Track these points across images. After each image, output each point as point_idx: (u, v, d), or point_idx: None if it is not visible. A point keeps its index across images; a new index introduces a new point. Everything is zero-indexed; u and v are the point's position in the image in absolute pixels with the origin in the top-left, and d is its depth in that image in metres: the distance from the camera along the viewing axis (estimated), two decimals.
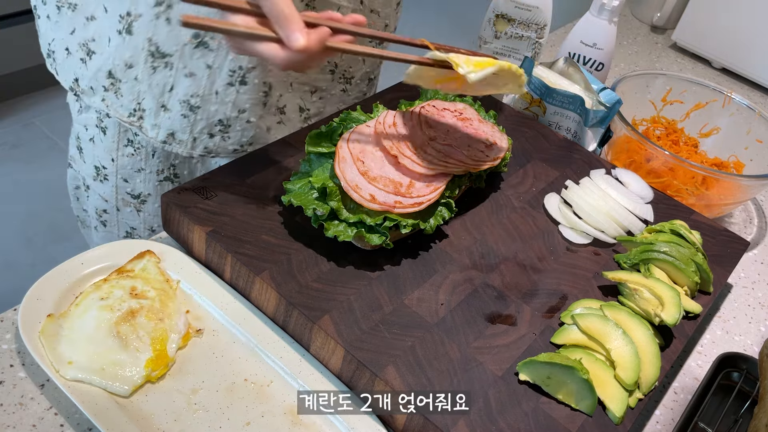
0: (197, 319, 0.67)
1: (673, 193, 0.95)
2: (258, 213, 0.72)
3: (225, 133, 0.86)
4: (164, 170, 0.92)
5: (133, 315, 0.64)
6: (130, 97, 0.84)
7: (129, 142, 0.89)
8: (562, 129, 0.98)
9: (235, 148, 0.89)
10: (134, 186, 0.93)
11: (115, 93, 0.84)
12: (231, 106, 0.84)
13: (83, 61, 0.84)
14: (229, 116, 0.85)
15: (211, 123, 0.85)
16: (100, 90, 0.85)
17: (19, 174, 2.21)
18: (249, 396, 0.62)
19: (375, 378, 0.60)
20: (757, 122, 1.05)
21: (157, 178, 0.92)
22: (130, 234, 1.00)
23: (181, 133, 0.86)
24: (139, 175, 0.92)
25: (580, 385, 0.61)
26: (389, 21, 0.94)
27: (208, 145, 0.87)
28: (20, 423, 0.58)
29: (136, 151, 0.90)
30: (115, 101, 0.85)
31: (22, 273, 1.90)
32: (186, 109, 0.83)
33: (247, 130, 0.87)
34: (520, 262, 0.75)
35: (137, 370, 0.61)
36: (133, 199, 0.95)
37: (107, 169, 0.93)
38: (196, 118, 0.84)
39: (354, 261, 0.69)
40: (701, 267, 0.75)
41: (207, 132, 0.86)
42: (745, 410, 0.72)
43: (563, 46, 1.09)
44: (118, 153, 0.90)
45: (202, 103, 0.83)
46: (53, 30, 0.86)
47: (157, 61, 0.80)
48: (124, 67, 0.82)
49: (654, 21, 1.56)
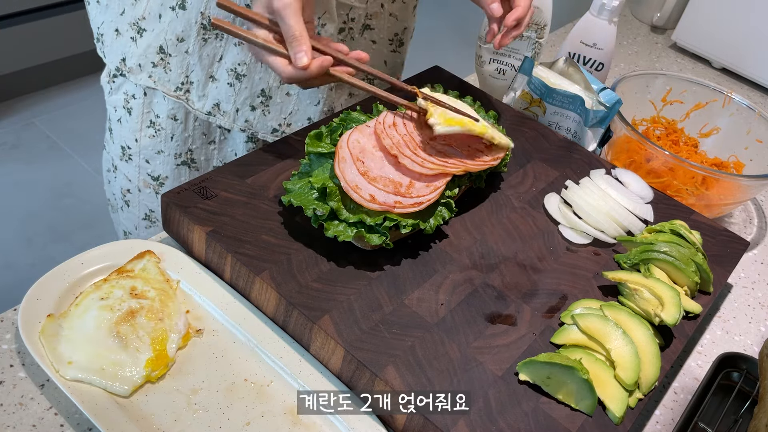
0: (197, 319, 0.67)
1: (673, 193, 0.95)
2: (258, 213, 0.72)
3: (266, 105, 0.91)
4: (182, 154, 0.96)
5: (133, 315, 0.64)
6: (179, 71, 0.89)
7: (151, 124, 0.93)
8: (562, 129, 0.98)
9: (274, 127, 0.93)
10: (154, 167, 0.98)
11: (164, 68, 0.90)
12: (273, 76, 0.89)
13: (133, 39, 0.90)
14: (271, 86, 0.90)
15: (254, 93, 0.90)
16: (148, 66, 0.90)
17: (19, 174, 2.21)
18: (249, 396, 0.62)
19: (375, 378, 0.60)
20: (757, 122, 1.05)
21: (174, 161, 0.96)
22: (149, 216, 1.04)
23: (225, 103, 0.91)
24: (159, 156, 0.96)
25: (580, 385, 0.61)
26: (408, 24, 0.98)
27: (249, 118, 0.92)
28: (20, 423, 0.58)
29: (156, 133, 0.94)
30: (163, 76, 0.90)
31: (22, 273, 1.90)
32: (233, 78, 0.89)
33: (285, 104, 0.91)
34: (520, 262, 0.75)
35: (137, 370, 0.61)
36: (153, 180, 0.99)
37: (131, 149, 0.97)
38: (241, 87, 0.89)
39: (354, 261, 0.69)
40: (701, 267, 0.75)
41: (249, 104, 0.91)
42: (745, 410, 0.72)
43: (563, 46, 1.09)
44: (141, 134, 0.95)
45: (248, 72, 0.88)
46: (102, 13, 0.92)
47: (208, 33, 0.85)
48: (175, 41, 0.87)
49: (654, 21, 1.56)
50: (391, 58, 0.99)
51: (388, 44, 0.97)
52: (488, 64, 1.09)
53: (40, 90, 2.51)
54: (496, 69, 1.09)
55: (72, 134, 2.37)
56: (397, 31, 0.97)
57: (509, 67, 1.08)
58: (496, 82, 1.10)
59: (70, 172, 2.23)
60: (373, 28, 0.93)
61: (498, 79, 1.10)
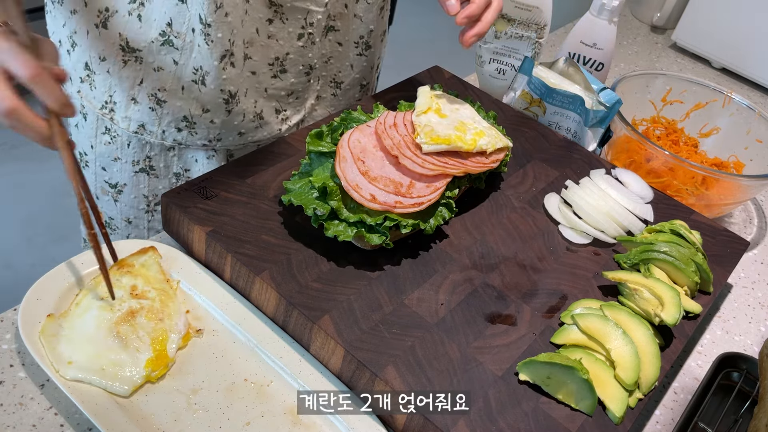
0: (197, 319, 0.67)
1: (673, 193, 0.95)
2: (258, 213, 0.72)
3: (191, 128, 0.88)
4: (140, 161, 0.93)
5: (133, 315, 0.64)
6: (103, 89, 0.87)
7: (106, 130, 0.91)
8: (562, 129, 0.98)
9: (204, 143, 0.90)
10: (111, 175, 0.95)
11: (90, 84, 0.88)
12: (195, 104, 0.86)
13: (68, 53, 0.88)
14: (193, 114, 0.87)
15: (177, 118, 0.87)
16: (77, 81, 0.89)
17: (19, 174, 2.21)
18: (249, 396, 0.62)
19: (375, 378, 0.60)
20: (757, 122, 1.05)
21: (132, 168, 0.93)
22: (108, 224, 1.00)
23: (150, 125, 0.88)
24: (115, 164, 0.94)
25: (580, 385, 0.61)
26: (374, 26, 0.94)
27: (177, 137, 0.89)
28: (20, 423, 0.58)
29: (112, 140, 0.92)
30: (89, 92, 0.88)
31: (22, 273, 1.90)
32: (153, 103, 0.86)
33: (212, 129, 0.89)
34: (520, 262, 0.75)
35: (137, 370, 0.61)
36: (110, 188, 0.96)
37: (87, 156, 0.95)
38: (163, 112, 0.87)
39: (354, 261, 0.69)
40: (701, 267, 0.75)
41: (174, 126, 0.88)
42: (745, 410, 0.72)
43: (563, 46, 1.09)
44: (97, 140, 0.92)
45: (168, 98, 0.85)
46: (52, 24, 0.91)
47: (127, 56, 0.83)
48: (98, 60, 0.85)
49: (654, 21, 1.56)
50: (358, 61, 0.96)
51: (354, 46, 0.94)
52: (488, 64, 1.09)
53: None
54: (496, 69, 1.09)
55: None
56: (363, 33, 0.93)
57: (509, 67, 1.08)
58: (496, 82, 1.10)
59: None
60: (338, 30, 0.90)
61: (498, 79, 1.10)
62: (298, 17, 0.84)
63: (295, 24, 0.85)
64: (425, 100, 0.81)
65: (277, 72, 0.87)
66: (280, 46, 0.85)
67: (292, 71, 0.89)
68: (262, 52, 0.84)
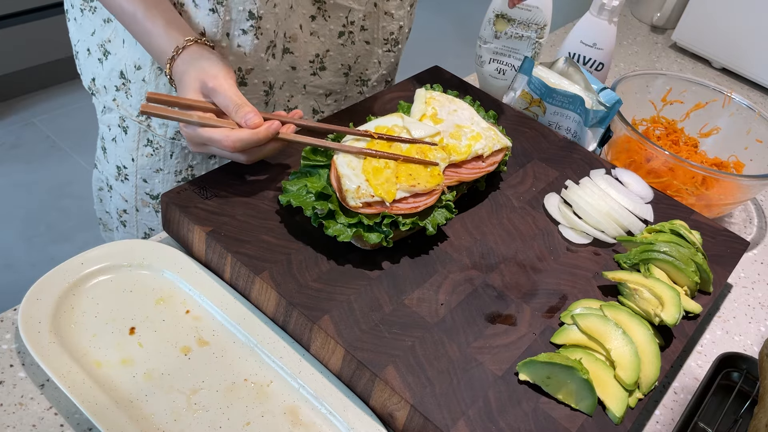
0: (197, 319, 0.67)
1: (673, 193, 0.95)
2: (258, 213, 0.72)
3: None
4: (182, 171, 0.94)
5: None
6: (139, 98, 0.87)
7: (149, 142, 0.91)
8: (562, 129, 0.98)
9: None
10: (153, 186, 0.95)
11: (126, 93, 0.88)
12: None
13: (100, 61, 0.89)
14: None
15: None
16: (112, 90, 0.89)
17: (19, 174, 2.21)
18: (249, 396, 0.62)
19: (375, 378, 0.60)
20: (757, 122, 1.05)
21: (175, 178, 0.94)
22: (149, 235, 1.01)
23: None
24: (157, 175, 0.94)
25: (580, 385, 0.61)
26: (404, 23, 0.97)
27: None
28: (20, 423, 0.58)
29: (155, 151, 0.92)
30: (125, 101, 0.89)
31: (22, 273, 1.90)
32: None
33: None
34: (520, 262, 0.75)
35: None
36: (151, 199, 0.97)
37: (128, 168, 0.95)
38: None
39: (354, 261, 0.69)
40: (701, 267, 0.75)
41: None
42: (745, 410, 0.72)
43: (563, 46, 1.09)
44: (138, 153, 0.93)
45: None
46: (78, 32, 0.91)
47: None
48: (134, 68, 0.85)
49: (654, 21, 1.56)
50: (385, 58, 0.98)
51: (383, 44, 0.96)
52: (488, 64, 1.09)
53: (40, 90, 2.51)
54: (496, 69, 1.09)
55: (72, 134, 2.37)
56: (393, 30, 0.96)
57: (509, 67, 1.08)
58: (496, 82, 1.10)
59: (70, 172, 2.23)
60: (366, 29, 0.92)
61: (498, 79, 1.10)
62: (340, 15, 0.86)
63: (336, 22, 0.87)
64: (420, 107, 0.81)
65: (316, 69, 0.89)
66: (321, 42, 0.87)
67: (331, 69, 0.90)
68: (304, 48, 0.86)
